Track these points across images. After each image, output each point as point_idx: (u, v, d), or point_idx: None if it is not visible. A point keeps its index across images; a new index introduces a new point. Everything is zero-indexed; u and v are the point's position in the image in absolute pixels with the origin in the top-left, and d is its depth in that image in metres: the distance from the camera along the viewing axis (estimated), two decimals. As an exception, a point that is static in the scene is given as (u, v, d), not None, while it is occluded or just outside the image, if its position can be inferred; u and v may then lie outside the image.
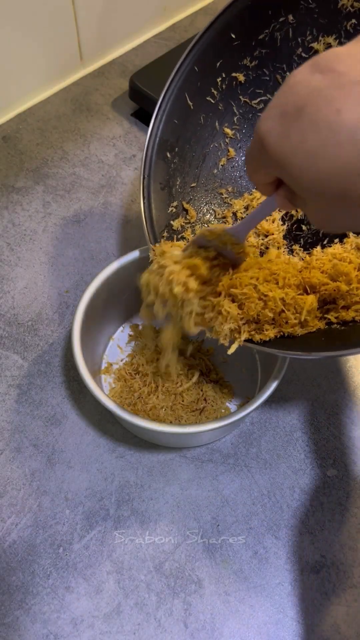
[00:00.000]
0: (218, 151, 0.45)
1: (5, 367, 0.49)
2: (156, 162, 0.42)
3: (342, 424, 0.47)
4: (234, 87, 0.44)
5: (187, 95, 0.42)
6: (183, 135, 0.43)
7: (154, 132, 0.42)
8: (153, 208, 0.42)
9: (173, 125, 0.43)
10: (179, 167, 0.44)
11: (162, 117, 0.42)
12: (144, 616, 0.39)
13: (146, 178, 0.42)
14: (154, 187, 0.42)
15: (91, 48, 0.68)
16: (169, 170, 0.43)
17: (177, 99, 0.42)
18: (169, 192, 0.43)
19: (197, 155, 0.44)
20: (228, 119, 0.45)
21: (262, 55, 0.43)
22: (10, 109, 0.65)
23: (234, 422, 0.38)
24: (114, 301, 0.46)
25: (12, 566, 0.41)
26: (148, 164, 0.42)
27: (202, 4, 0.78)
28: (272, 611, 0.40)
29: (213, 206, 0.45)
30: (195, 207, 0.45)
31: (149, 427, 0.37)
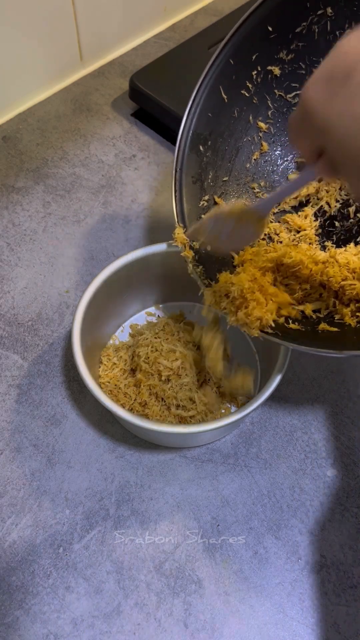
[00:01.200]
0: (251, 145, 0.45)
1: (5, 367, 0.49)
2: (189, 155, 0.42)
3: (342, 424, 0.47)
4: (270, 80, 0.43)
5: (222, 88, 0.42)
6: (216, 129, 0.43)
7: (187, 125, 0.42)
8: (184, 202, 0.42)
9: (207, 118, 0.42)
10: (211, 161, 0.43)
11: (196, 110, 0.42)
12: (144, 616, 0.39)
13: (178, 171, 0.42)
14: (186, 180, 0.42)
15: (91, 48, 0.68)
16: (201, 163, 0.43)
17: (212, 92, 0.42)
18: (201, 185, 0.43)
19: (230, 149, 0.44)
20: (262, 112, 0.44)
21: (298, 49, 0.42)
22: (10, 109, 0.65)
23: (234, 422, 0.38)
24: (114, 301, 0.46)
25: (12, 566, 0.41)
26: (181, 157, 0.42)
27: (202, 4, 0.78)
28: (272, 611, 0.40)
29: (244, 200, 0.45)
30: (226, 201, 0.44)
31: (149, 427, 0.37)
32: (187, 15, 0.77)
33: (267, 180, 0.46)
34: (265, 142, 0.45)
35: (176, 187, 0.42)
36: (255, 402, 0.38)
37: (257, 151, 0.45)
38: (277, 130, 0.45)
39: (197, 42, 0.67)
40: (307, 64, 0.43)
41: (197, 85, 0.42)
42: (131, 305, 0.50)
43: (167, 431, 0.37)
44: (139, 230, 0.58)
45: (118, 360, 0.46)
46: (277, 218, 0.46)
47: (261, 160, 0.46)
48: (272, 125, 0.45)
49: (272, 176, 0.46)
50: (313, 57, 0.42)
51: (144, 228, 0.58)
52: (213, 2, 0.78)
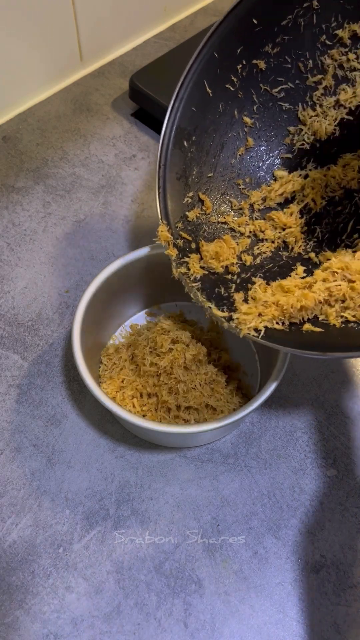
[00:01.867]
0: (236, 140, 0.44)
1: (5, 367, 0.49)
2: (173, 151, 0.41)
3: (342, 424, 0.47)
4: (255, 74, 0.42)
5: (206, 82, 0.41)
6: (201, 124, 0.42)
7: (170, 120, 0.41)
8: (168, 198, 0.41)
9: (191, 113, 0.42)
10: (195, 157, 0.43)
11: (180, 105, 0.41)
12: (144, 616, 0.39)
13: (162, 167, 0.41)
14: (170, 176, 0.41)
15: (91, 48, 0.68)
16: (185, 159, 0.42)
17: (196, 86, 0.41)
18: (185, 182, 0.42)
19: (215, 144, 0.43)
20: (248, 107, 0.44)
21: (284, 42, 0.41)
22: (10, 109, 0.65)
23: (234, 422, 0.38)
24: (114, 301, 0.46)
25: (12, 566, 0.41)
26: (164, 153, 0.41)
27: (202, 4, 0.78)
28: (272, 611, 0.40)
29: (229, 197, 0.45)
30: (211, 197, 0.44)
31: (149, 427, 0.37)
32: (187, 15, 0.77)
33: (252, 177, 0.45)
34: (250, 138, 0.44)
35: (160, 184, 0.41)
36: (255, 402, 0.38)
37: (243, 146, 0.45)
38: (262, 125, 0.44)
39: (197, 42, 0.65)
40: (292, 58, 0.42)
41: (180, 80, 0.41)
42: (131, 305, 0.50)
43: (167, 431, 0.37)
44: (139, 230, 0.58)
45: (118, 361, 0.46)
46: (262, 215, 0.45)
47: (246, 156, 0.45)
48: (258, 120, 0.44)
49: (257, 172, 0.45)
50: (299, 51, 0.42)
51: (144, 228, 0.58)
52: (213, 2, 0.78)
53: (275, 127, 0.45)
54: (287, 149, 0.45)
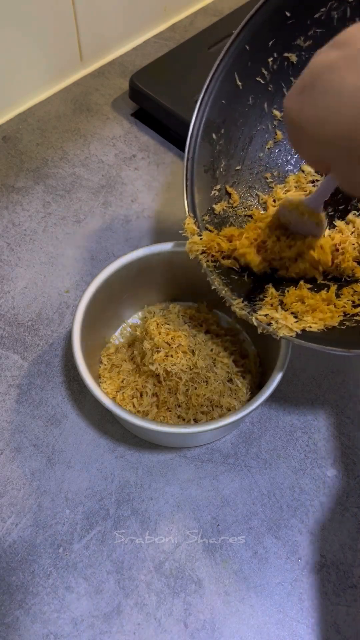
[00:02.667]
0: (265, 134, 0.44)
1: (5, 367, 0.49)
2: (201, 144, 0.41)
3: (342, 424, 0.47)
4: (286, 67, 0.42)
5: (237, 75, 0.41)
6: (230, 117, 0.42)
7: (200, 113, 0.41)
8: (195, 191, 0.41)
9: (220, 105, 0.41)
10: (224, 150, 0.42)
11: (210, 98, 0.41)
12: (144, 616, 0.39)
13: (190, 160, 0.41)
14: (197, 169, 0.41)
15: (91, 48, 0.68)
16: (213, 152, 0.42)
17: (226, 79, 0.41)
18: (212, 174, 0.42)
19: (244, 137, 0.43)
20: (278, 100, 0.43)
21: (317, 35, 0.41)
22: (10, 109, 0.65)
23: (234, 422, 0.38)
24: (114, 301, 0.46)
25: (12, 566, 0.41)
26: (192, 146, 0.41)
27: (202, 4, 0.78)
28: (272, 611, 0.40)
29: (257, 190, 0.44)
30: (238, 191, 0.43)
31: (149, 427, 0.37)
32: (187, 15, 0.77)
33: (280, 170, 0.45)
34: (279, 131, 0.44)
35: (187, 176, 0.41)
36: (256, 402, 0.38)
37: (271, 140, 0.44)
38: None
39: (197, 42, 0.67)
40: None
41: (211, 72, 0.40)
42: (131, 305, 0.50)
43: (167, 431, 0.37)
44: (139, 230, 0.58)
45: (118, 361, 0.46)
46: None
47: (275, 150, 0.45)
48: None
49: (285, 166, 0.45)
50: None
51: (144, 228, 0.58)
52: (213, 2, 0.78)
53: None
54: None
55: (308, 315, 0.38)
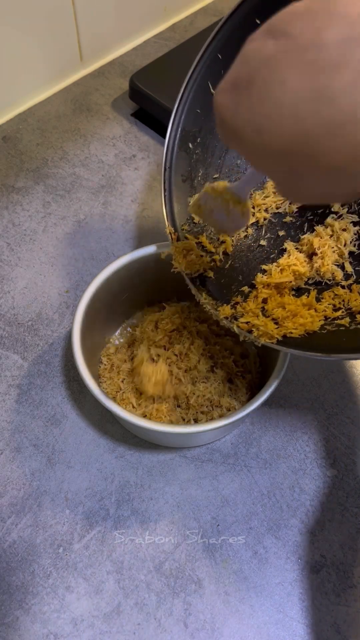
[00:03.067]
0: None
1: (5, 367, 0.49)
2: (178, 153, 0.41)
3: (342, 424, 0.47)
4: None
5: (210, 84, 0.41)
6: (206, 125, 0.42)
7: (175, 123, 0.41)
8: (174, 201, 0.41)
9: (195, 114, 0.42)
10: (201, 158, 0.43)
11: (184, 107, 0.41)
12: (144, 616, 0.39)
13: (167, 170, 0.41)
14: (175, 179, 0.41)
15: (91, 48, 0.68)
16: (191, 161, 0.42)
17: (200, 88, 0.41)
18: (191, 184, 0.42)
19: (220, 145, 0.43)
20: None
21: None
22: (10, 109, 0.65)
23: (234, 422, 0.38)
24: (114, 301, 0.46)
25: (12, 566, 0.41)
26: (169, 156, 0.41)
27: (202, 4, 0.78)
28: (272, 611, 0.40)
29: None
30: None
31: (149, 427, 0.37)
32: (187, 15, 0.77)
33: None
34: None
35: (165, 187, 0.41)
36: (256, 402, 0.38)
37: None
38: None
39: (197, 42, 0.67)
40: None
41: (184, 82, 0.41)
42: (131, 305, 0.50)
43: (167, 431, 0.37)
44: (139, 230, 0.58)
45: (118, 361, 0.46)
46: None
47: None
48: None
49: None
50: None
51: (144, 228, 0.58)
52: (213, 2, 0.78)
53: None
54: None
55: (289, 321, 0.38)
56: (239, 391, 0.45)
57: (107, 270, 0.43)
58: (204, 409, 0.43)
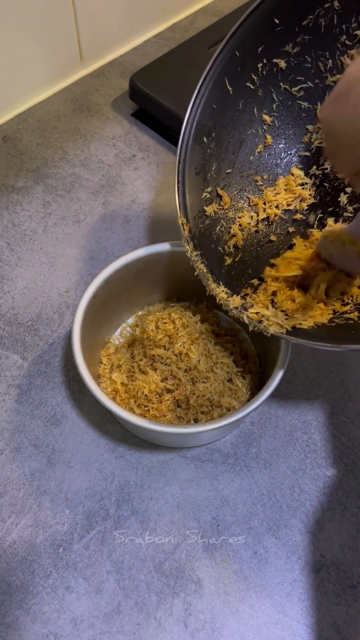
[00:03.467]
0: (255, 138, 0.45)
1: (5, 367, 0.49)
2: (192, 147, 0.42)
3: (342, 424, 0.47)
4: (275, 73, 0.43)
5: (227, 80, 0.42)
6: (220, 121, 0.43)
7: (191, 117, 0.42)
8: (187, 193, 0.42)
9: (211, 110, 0.42)
10: (215, 153, 0.43)
11: (201, 102, 0.42)
12: (144, 616, 0.39)
13: (181, 162, 0.42)
14: (189, 172, 0.42)
15: (91, 48, 0.68)
16: (204, 155, 0.43)
17: (217, 83, 0.42)
18: (204, 177, 0.43)
19: (234, 141, 0.44)
20: (267, 105, 0.44)
21: (304, 42, 0.42)
22: (10, 109, 0.65)
23: (234, 422, 0.38)
24: (114, 301, 0.46)
25: (12, 566, 0.41)
26: (184, 149, 0.42)
27: (202, 4, 0.78)
28: (272, 611, 0.40)
29: (247, 193, 0.45)
30: (229, 193, 0.44)
31: (148, 427, 0.37)
32: (187, 15, 0.77)
33: (270, 174, 0.46)
34: (269, 135, 0.45)
35: (179, 179, 0.42)
36: (256, 402, 0.38)
37: (261, 144, 0.45)
38: (281, 123, 0.45)
39: (197, 42, 0.67)
40: (312, 58, 0.42)
41: (202, 77, 0.41)
42: (131, 305, 0.50)
43: (167, 431, 0.37)
44: (139, 230, 0.58)
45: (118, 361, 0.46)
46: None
47: (265, 153, 0.45)
48: (277, 119, 0.45)
49: (275, 169, 0.46)
50: (319, 51, 0.42)
51: (144, 228, 0.58)
52: (213, 2, 0.78)
53: (294, 125, 0.45)
54: (305, 147, 0.46)
55: (298, 313, 0.38)
56: (239, 391, 0.45)
57: (107, 270, 0.43)
58: (204, 409, 0.43)
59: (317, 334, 0.37)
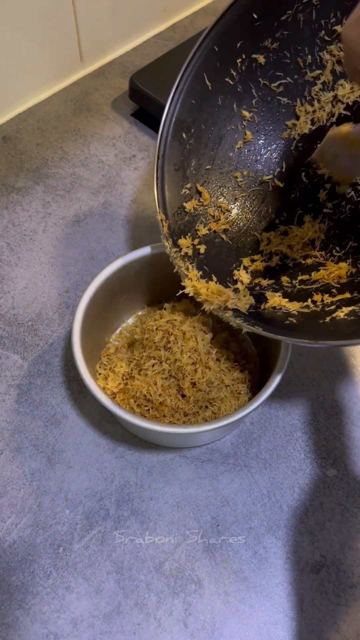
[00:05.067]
0: (235, 134, 0.45)
1: (5, 367, 0.49)
2: (171, 142, 0.42)
3: (342, 424, 0.47)
4: (254, 69, 0.43)
5: (206, 75, 0.42)
6: (200, 116, 0.43)
7: (170, 112, 0.42)
8: (166, 189, 0.42)
9: (190, 105, 0.42)
10: (194, 149, 0.43)
11: (179, 97, 0.42)
12: (144, 616, 0.39)
13: (160, 158, 0.42)
14: (168, 168, 0.42)
15: (91, 48, 0.68)
16: (184, 151, 0.43)
17: (196, 79, 0.42)
18: (183, 173, 0.43)
19: (214, 137, 0.44)
20: (246, 101, 0.44)
21: (283, 37, 0.41)
22: (10, 109, 0.65)
23: (234, 422, 0.38)
24: (114, 301, 0.46)
25: (12, 566, 0.41)
26: (163, 144, 0.42)
27: (202, 4, 0.78)
28: (272, 611, 0.40)
29: (227, 189, 0.45)
30: (208, 189, 0.44)
31: (148, 427, 0.37)
32: (187, 15, 0.77)
33: (250, 170, 0.46)
34: (249, 131, 0.45)
35: (158, 175, 0.42)
36: (256, 402, 0.38)
37: (241, 140, 0.45)
38: (261, 119, 0.45)
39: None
40: (291, 53, 0.42)
41: (180, 72, 0.41)
42: (131, 305, 0.50)
43: (167, 431, 0.37)
44: (139, 230, 0.58)
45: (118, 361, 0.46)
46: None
47: (245, 149, 0.45)
48: (256, 114, 0.44)
49: (255, 165, 0.46)
50: (298, 46, 0.42)
51: (144, 228, 0.58)
52: (213, 2, 0.78)
53: (273, 121, 0.45)
54: (284, 143, 0.46)
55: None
56: (239, 391, 0.45)
57: (107, 270, 0.43)
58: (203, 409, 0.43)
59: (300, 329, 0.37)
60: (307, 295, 0.40)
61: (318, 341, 0.34)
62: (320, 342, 0.34)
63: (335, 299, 0.39)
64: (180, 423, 0.43)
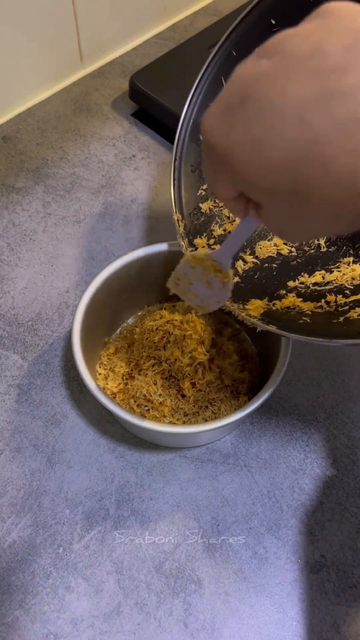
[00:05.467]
0: None
1: (5, 367, 0.49)
2: (189, 144, 0.43)
3: (342, 424, 0.47)
4: None
5: (224, 79, 0.42)
6: None
7: (188, 115, 0.42)
8: (183, 190, 0.42)
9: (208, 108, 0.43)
10: None
11: (197, 100, 0.42)
12: (144, 616, 0.39)
13: (177, 160, 0.42)
14: (185, 169, 0.43)
15: (91, 48, 0.68)
16: (200, 153, 0.43)
17: (214, 82, 0.42)
18: (200, 175, 0.43)
19: None
20: None
21: None
22: (10, 109, 0.65)
23: (234, 422, 0.38)
24: (114, 301, 0.46)
25: (12, 566, 0.41)
26: (180, 146, 0.42)
27: (202, 4, 0.78)
28: (272, 611, 0.40)
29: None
30: None
31: (148, 427, 0.37)
32: (187, 15, 0.77)
33: None
34: None
35: (175, 175, 0.42)
36: (256, 402, 0.38)
37: None
38: None
39: (197, 42, 0.67)
40: None
41: (199, 75, 0.42)
42: (131, 305, 0.50)
43: (167, 431, 0.37)
44: (139, 230, 0.58)
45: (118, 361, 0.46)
46: None
47: None
48: None
49: None
50: None
51: (144, 228, 0.58)
52: (213, 2, 0.78)
53: None
54: None
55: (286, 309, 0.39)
56: (239, 391, 0.45)
57: (107, 270, 0.43)
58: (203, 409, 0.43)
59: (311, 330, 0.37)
60: (321, 296, 0.40)
61: (333, 340, 0.34)
62: (335, 340, 0.34)
63: (349, 300, 0.39)
64: (180, 423, 0.43)
